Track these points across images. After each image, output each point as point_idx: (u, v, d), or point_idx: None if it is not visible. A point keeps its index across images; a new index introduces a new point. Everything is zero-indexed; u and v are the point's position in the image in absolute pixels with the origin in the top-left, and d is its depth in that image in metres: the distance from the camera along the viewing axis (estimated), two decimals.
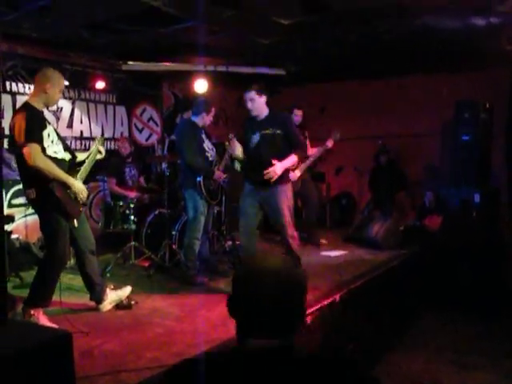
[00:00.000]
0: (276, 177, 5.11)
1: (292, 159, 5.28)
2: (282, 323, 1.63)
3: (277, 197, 5.25)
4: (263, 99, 5.24)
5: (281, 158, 5.17)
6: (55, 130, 4.50)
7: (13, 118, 4.35)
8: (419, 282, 7.11)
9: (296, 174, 7.66)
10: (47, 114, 4.67)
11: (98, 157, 4.86)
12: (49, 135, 4.33)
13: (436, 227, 8.22)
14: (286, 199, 5.31)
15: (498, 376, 5.47)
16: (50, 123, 4.46)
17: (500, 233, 8.18)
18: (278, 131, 5.22)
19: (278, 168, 5.10)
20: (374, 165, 9.36)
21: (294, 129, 5.50)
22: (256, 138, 5.26)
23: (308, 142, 7.88)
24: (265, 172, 5.09)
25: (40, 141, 4.22)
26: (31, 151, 4.14)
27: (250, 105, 5.20)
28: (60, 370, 2.54)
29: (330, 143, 7.63)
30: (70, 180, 4.36)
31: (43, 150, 4.23)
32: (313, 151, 7.80)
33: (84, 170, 4.62)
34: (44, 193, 4.26)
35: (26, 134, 4.14)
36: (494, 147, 8.51)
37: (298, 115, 7.75)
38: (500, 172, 8.69)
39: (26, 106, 4.35)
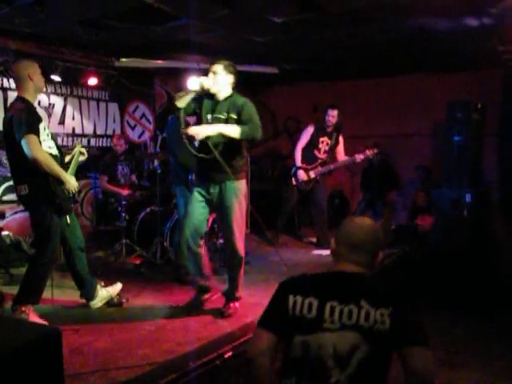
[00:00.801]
0: (202, 135, 4.45)
1: (234, 129, 4.41)
2: (366, 258, 2.40)
3: (228, 193, 4.60)
4: (229, 79, 4.62)
5: (230, 150, 4.56)
6: (47, 127, 4.49)
7: (9, 110, 4.34)
8: (411, 282, 7.13)
9: (309, 176, 7.65)
10: (39, 111, 4.65)
11: (81, 158, 4.83)
12: (44, 129, 4.32)
13: (428, 227, 8.24)
14: (238, 197, 4.65)
15: (486, 376, 5.49)
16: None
17: (491, 232, 8.22)
18: (233, 116, 4.52)
19: (210, 128, 4.46)
20: (366, 165, 9.38)
21: (253, 116, 4.55)
22: (208, 120, 4.62)
23: (341, 148, 7.82)
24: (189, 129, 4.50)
25: (38, 134, 4.21)
26: (32, 142, 4.12)
27: (211, 77, 4.54)
28: (49, 367, 2.52)
29: (359, 158, 7.53)
30: (66, 176, 4.34)
31: (40, 143, 4.22)
32: (342, 158, 7.74)
33: (71, 170, 4.59)
34: (37, 188, 4.24)
35: (27, 126, 4.13)
36: (485, 147, 8.55)
37: (330, 115, 7.68)
38: (492, 172, 8.73)
39: (22, 99, 4.33)
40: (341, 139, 7.78)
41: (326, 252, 7.40)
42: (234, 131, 4.40)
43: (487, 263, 7.41)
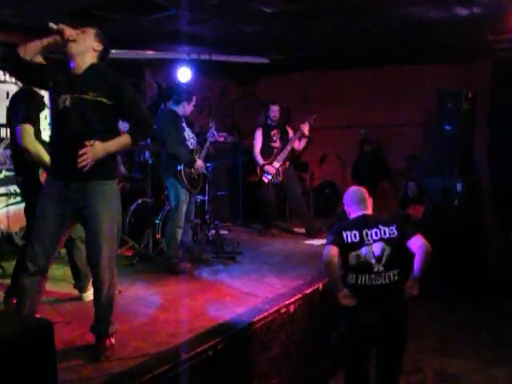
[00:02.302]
0: (91, 162, 3.35)
1: (123, 141, 3.55)
2: (368, 205, 4.10)
3: (96, 199, 3.51)
4: (96, 46, 3.62)
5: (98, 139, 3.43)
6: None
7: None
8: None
9: (274, 167, 7.70)
10: None
11: None
12: (46, 118, 4.29)
13: (419, 216, 8.27)
14: (110, 205, 3.59)
15: (478, 365, 5.54)
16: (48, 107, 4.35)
17: (482, 221, 8.27)
18: (104, 99, 3.45)
19: (97, 149, 3.37)
20: (358, 154, 9.39)
21: (140, 103, 3.72)
22: (66, 103, 3.45)
23: (291, 134, 7.89)
24: (80, 153, 3.31)
25: (35, 123, 4.19)
26: (24, 131, 4.11)
27: (70, 40, 3.52)
28: (41, 359, 2.52)
29: (304, 128, 7.59)
30: None
31: (38, 132, 4.20)
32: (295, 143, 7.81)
33: None
34: (31, 178, 4.25)
35: (22, 115, 4.14)
36: (476, 137, 8.57)
37: (273, 111, 7.83)
38: (482, 161, 8.76)
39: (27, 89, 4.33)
40: (289, 129, 7.98)
41: (318, 241, 7.41)
42: (121, 145, 3.60)
43: (477, 252, 7.46)
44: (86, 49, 3.57)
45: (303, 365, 4.93)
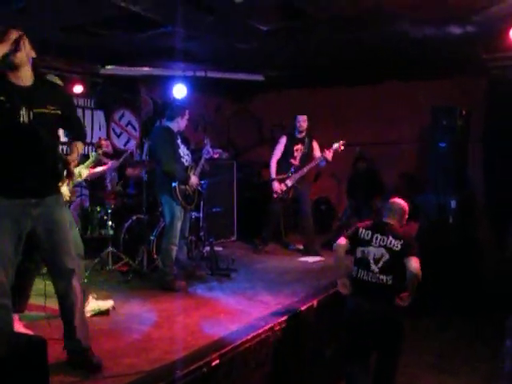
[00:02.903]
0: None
1: (80, 150, 3.74)
2: (396, 216, 4.65)
3: (57, 213, 3.52)
4: (33, 55, 3.41)
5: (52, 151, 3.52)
6: None
7: None
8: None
9: (286, 184, 7.66)
10: None
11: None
12: None
13: (413, 233, 8.27)
14: (67, 217, 3.71)
15: (474, 380, 5.53)
16: None
17: (476, 237, 8.29)
18: (57, 110, 3.45)
19: (75, 163, 3.60)
20: (352, 172, 9.41)
21: (77, 114, 3.96)
22: (30, 116, 3.31)
23: (317, 154, 7.79)
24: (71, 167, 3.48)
25: None
26: None
27: (20, 48, 3.23)
28: (34, 376, 2.50)
29: (328, 155, 7.48)
30: None
31: None
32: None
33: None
34: None
35: None
36: (470, 154, 8.61)
37: (300, 121, 7.76)
38: (476, 178, 8.79)
39: None
40: (315, 145, 7.83)
41: (313, 259, 7.41)
42: (80, 151, 3.72)
43: (472, 268, 7.47)
44: (27, 58, 3.33)
45: (298, 381, 4.91)
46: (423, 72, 8.58)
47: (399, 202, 4.74)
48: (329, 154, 7.47)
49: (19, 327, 4.20)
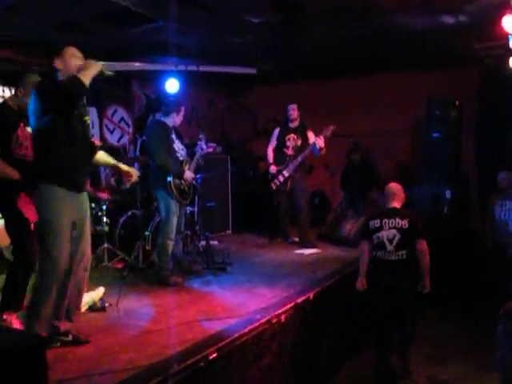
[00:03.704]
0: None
1: None
2: (399, 200, 5.33)
3: (87, 205, 4.17)
4: None
5: None
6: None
7: None
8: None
9: (283, 175, 7.67)
10: None
11: None
12: (17, 137, 4.32)
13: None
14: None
15: (468, 369, 5.56)
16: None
17: (471, 227, 8.31)
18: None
19: None
20: (347, 163, 9.41)
21: None
22: (86, 123, 4.20)
23: (311, 139, 7.76)
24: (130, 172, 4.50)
25: (5, 141, 4.26)
26: None
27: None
28: (33, 374, 2.51)
29: (319, 141, 7.46)
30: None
31: (8, 149, 4.26)
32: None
33: None
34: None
35: None
36: (464, 144, 8.63)
37: (290, 109, 7.89)
38: (470, 168, 8.82)
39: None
40: (310, 135, 7.81)
41: (309, 251, 7.42)
42: None
43: (469, 258, 7.49)
44: None
45: (295, 374, 4.92)
46: (417, 63, 8.58)
47: (392, 184, 5.41)
48: (319, 141, 7.46)
49: (18, 325, 4.20)
